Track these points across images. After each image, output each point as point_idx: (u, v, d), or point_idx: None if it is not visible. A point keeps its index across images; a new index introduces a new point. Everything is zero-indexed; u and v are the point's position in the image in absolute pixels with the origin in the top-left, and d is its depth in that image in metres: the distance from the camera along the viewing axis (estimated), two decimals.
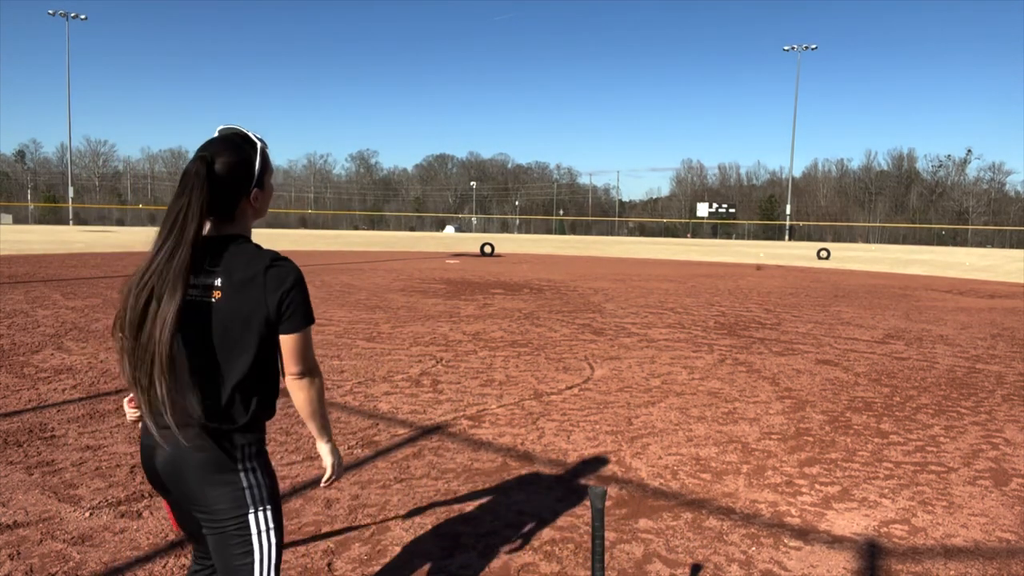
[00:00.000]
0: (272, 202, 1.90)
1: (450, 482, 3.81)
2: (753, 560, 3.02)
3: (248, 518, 1.68)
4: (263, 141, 1.74)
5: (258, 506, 1.69)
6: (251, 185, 1.70)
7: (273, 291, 1.64)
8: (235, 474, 1.67)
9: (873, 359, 7.54)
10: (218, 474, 1.66)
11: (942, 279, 20.07)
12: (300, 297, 1.68)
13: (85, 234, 39.31)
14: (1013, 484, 4.00)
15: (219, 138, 1.70)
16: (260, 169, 1.72)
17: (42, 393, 5.35)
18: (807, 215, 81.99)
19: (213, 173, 1.64)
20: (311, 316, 1.72)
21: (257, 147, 1.71)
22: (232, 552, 1.68)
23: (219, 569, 1.71)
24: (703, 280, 17.66)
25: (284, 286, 1.65)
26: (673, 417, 5.19)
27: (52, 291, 11.56)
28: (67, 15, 57.25)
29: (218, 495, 1.66)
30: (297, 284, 1.66)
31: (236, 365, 1.65)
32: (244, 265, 1.64)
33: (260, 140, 1.74)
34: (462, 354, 7.26)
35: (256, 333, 1.65)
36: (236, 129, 1.73)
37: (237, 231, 1.73)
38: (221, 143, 1.68)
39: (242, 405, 1.68)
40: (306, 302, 1.70)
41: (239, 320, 1.63)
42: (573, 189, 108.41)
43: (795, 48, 64.06)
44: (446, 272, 18.16)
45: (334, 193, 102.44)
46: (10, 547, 2.95)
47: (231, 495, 1.67)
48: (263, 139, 1.75)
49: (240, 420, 1.68)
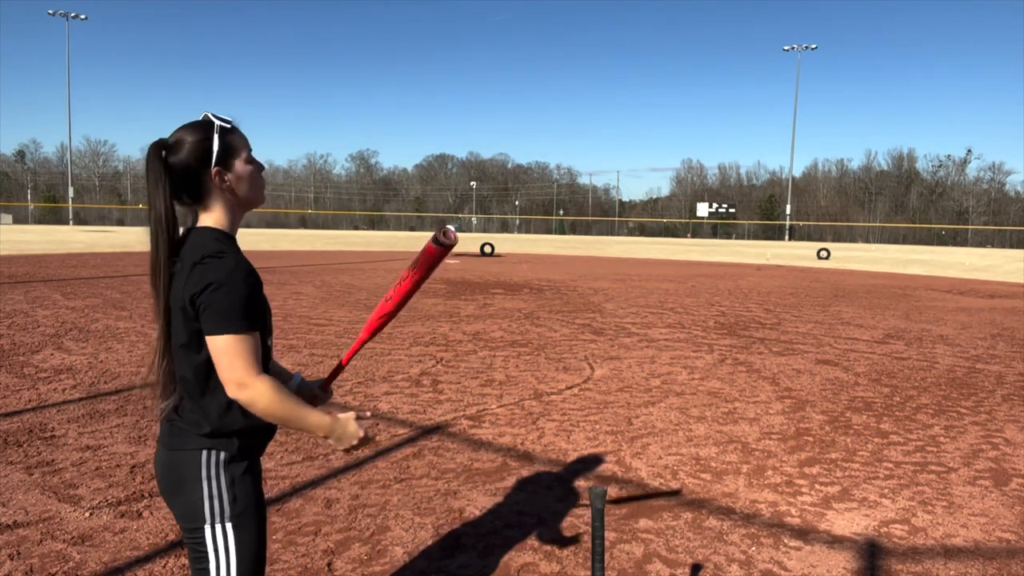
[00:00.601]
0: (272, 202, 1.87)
1: (450, 482, 3.81)
2: (753, 560, 3.02)
3: (204, 531, 1.59)
4: (227, 122, 1.65)
5: (216, 521, 1.59)
6: (210, 164, 1.61)
7: (192, 287, 1.53)
8: (197, 482, 1.59)
9: (873, 359, 7.54)
10: (179, 478, 1.60)
11: (942, 279, 20.07)
12: (218, 298, 1.52)
13: (85, 234, 39.31)
14: (1013, 484, 4.00)
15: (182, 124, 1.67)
16: (221, 148, 1.62)
17: (42, 393, 5.35)
18: (807, 215, 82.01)
19: (167, 154, 1.60)
20: (232, 323, 1.52)
21: (214, 126, 1.63)
22: (194, 565, 1.64)
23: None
24: (703, 280, 17.66)
25: (201, 284, 1.53)
26: (673, 417, 5.19)
27: (52, 291, 11.56)
28: (67, 15, 57.24)
29: (178, 502, 1.61)
30: (215, 285, 1.52)
31: (185, 363, 1.59)
32: (188, 255, 1.58)
33: (223, 121, 1.65)
34: (462, 354, 7.26)
35: (187, 330, 1.57)
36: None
37: (212, 222, 1.65)
38: (180, 127, 1.64)
39: (199, 407, 1.60)
40: (225, 306, 1.52)
41: (178, 315, 1.57)
42: (573, 189, 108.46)
43: (795, 48, 64.08)
44: (446, 272, 18.15)
45: (334, 193, 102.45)
46: (10, 547, 2.95)
47: (188, 503, 1.59)
48: (230, 121, 1.67)
49: (202, 423, 1.60)
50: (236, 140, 1.66)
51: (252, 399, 1.54)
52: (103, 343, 7.30)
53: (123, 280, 13.76)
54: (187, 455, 1.60)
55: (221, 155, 1.63)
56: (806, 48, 64.15)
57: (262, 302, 1.65)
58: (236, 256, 1.60)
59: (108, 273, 15.22)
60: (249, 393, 1.54)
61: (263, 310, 1.66)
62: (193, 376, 1.59)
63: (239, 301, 1.54)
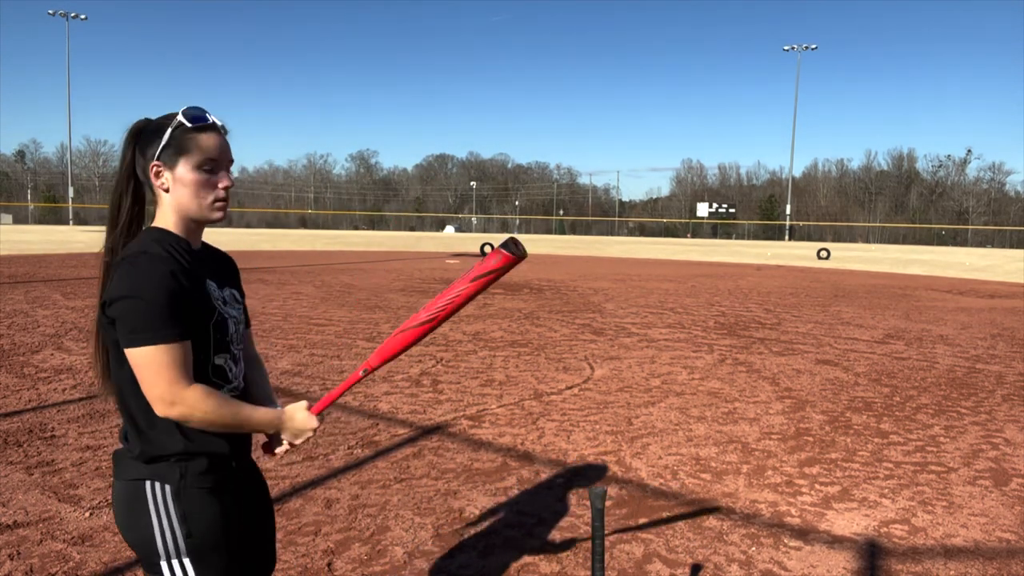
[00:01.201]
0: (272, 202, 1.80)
1: (450, 482, 3.81)
2: (753, 560, 3.02)
3: (161, 567, 1.44)
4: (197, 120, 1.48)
5: (171, 557, 1.43)
6: (152, 155, 1.47)
7: (108, 292, 1.40)
8: (146, 515, 1.43)
9: (873, 359, 7.54)
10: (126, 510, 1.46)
11: (942, 279, 20.07)
12: (132, 306, 1.35)
13: (85, 234, 39.30)
14: (1013, 484, 4.00)
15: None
16: (168, 143, 1.46)
17: (42, 393, 5.35)
18: (807, 215, 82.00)
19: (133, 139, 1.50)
20: (150, 333, 1.35)
21: (175, 117, 1.47)
22: None
23: None
24: (703, 280, 17.66)
25: (114, 290, 1.37)
26: (673, 417, 5.19)
27: (52, 291, 11.56)
28: (67, 15, 57.22)
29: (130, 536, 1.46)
30: (128, 289, 1.35)
31: (115, 376, 1.47)
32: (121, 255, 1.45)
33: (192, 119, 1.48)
34: (462, 354, 7.26)
35: (110, 339, 1.44)
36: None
37: (160, 222, 1.51)
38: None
39: (133, 429, 1.45)
40: (141, 312, 1.35)
41: (101, 320, 1.44)
42: (573, 189, 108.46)
43: (795, 48, 64.06)
44: (446, 272, 18.15)
45: (334, 193, 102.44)
46: (10, 547, 2.95)
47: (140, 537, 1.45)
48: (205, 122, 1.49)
49: (137, 447, 1.45)
50: (192, 142, 1.47)
51: (185, 414, 1.39)
52: None
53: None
54: (131, 485, 1.45)
55: (165, 150, 1.46)
56: (806, 48, 64.15)
57: (198, 310, 1.44)
58: (162, 257, 1.40)
59: None
60: (180, 409, 1.38)
61: (200, 318, 1.45)
62: (121, 392, 1.46)
63: (157, 307, 1.35)
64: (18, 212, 73.62)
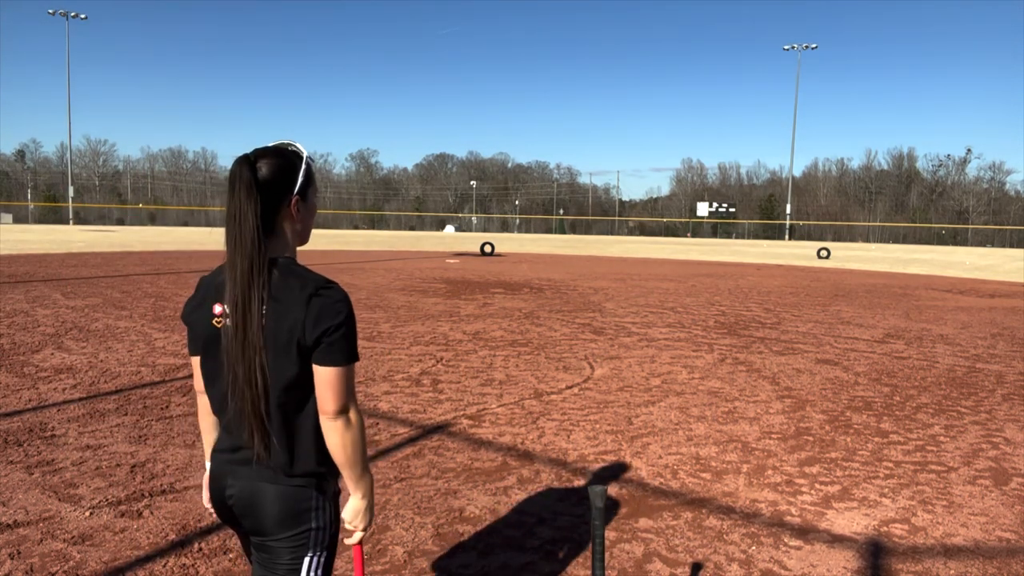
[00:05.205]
0: None
1: (450, 482, 3.81)
2: (753, 559, 3.02)
3: (304, 560, 1.62)
4: (310, 157, 1.68)
5: (317, 550, 1.63)
6: (292, 192, 1.59)
7: (325, 320, 1.52)
8: (307, 514, 1.61)
9: (873, 358, 7.54)
10: (291, 512, 1.60)
11: (942, 278, 20.07)
12: (349, 331, 1.55)
13: (85, 233, 39.30)
14: (1013, 483, 4.00)
15: (266, 146, 1.64)
16: (304, 179, 1.62)
17: (42, 393, 5.35)
18: (807, 214, 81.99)
19: (256, 173, 1.54)
20: (354, 353, 1.57)
21: (303, 155, 1.64)
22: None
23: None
24: (703, 279, 17.66)
25: (333, 317, 1.52)
26: (673, 416, 5.19)
27: (52, 291, 11.56)
28: (67, 15, 57.21)
29: (287, 534, 1.61)
30: (344, 317, 1.54)
31: (285, 397, 1.56)
32: (290, 283, 1.54)
33: (306, 154, 1.67)
34: (462, 353, 7.26)
35: (299, 363, 1.54)
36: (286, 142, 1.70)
37: (279, 250, 1.61)
38: (266, 148, 1.62)
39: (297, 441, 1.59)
40: (353, 337, 1.57)
41: (288, 349, 1.53)
42: (573, 189, 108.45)
43: (795, 48, 64.03)
44: (446, 272, 18.15)
45: (334, 192, 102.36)
46: (10, 547, 2.95)
47: (297, 535, 1.61)
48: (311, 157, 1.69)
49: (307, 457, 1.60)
50: (314, 175, 1.68)
51: (351, 426, 1.57)
52: (103, 343, 7.30)
53: (123, 279, 13.76)
54: (297, 491, 1.60)
55: (304, 185, 1.63)
56: (806, 48, 64.13)
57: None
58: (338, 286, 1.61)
59: (108, 272, 15.22)
60: (354, 413, 1.58)
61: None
62: (291, 411, 1.57)
63: (356, 331, 1.59)
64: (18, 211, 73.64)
